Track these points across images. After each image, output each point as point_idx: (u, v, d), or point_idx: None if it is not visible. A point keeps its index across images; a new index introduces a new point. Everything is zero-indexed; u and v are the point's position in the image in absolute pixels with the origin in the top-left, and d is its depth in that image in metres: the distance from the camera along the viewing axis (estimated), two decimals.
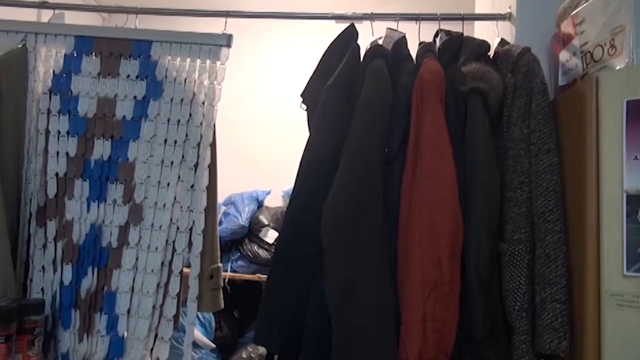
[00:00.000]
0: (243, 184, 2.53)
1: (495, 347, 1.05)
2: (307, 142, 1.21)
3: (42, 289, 1.28)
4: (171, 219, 1.29)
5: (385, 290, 1.03)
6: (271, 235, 2.29)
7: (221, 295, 1.36)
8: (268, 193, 2.51)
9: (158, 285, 1.27)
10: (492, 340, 1.05)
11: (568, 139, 1.06)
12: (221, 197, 2.37)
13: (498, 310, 1.06)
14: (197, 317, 2.23)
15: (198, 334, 2.18)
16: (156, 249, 1.27)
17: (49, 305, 1.27)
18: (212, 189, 1.33)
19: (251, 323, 2.39)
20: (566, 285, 0.97)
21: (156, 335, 1.28)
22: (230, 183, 2.45)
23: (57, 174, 1.30)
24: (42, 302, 1.20)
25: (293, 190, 1.17)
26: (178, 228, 1.29)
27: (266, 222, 2.33)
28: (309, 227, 1.09)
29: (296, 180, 1.17)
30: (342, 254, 1.06)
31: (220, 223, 2.30)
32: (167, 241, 1.28)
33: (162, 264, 1.28)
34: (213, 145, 1.33)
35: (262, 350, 2.13)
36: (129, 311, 1.26)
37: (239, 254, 2.31)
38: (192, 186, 1.30)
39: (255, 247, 2.29)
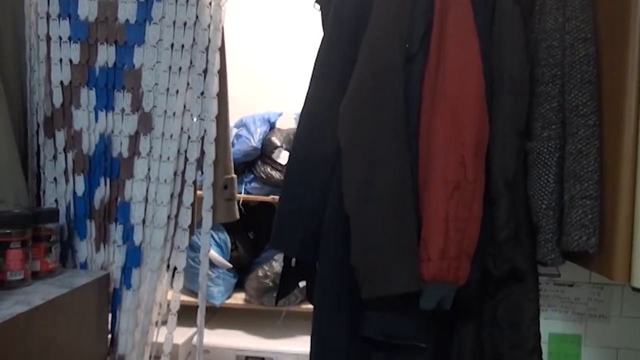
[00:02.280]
0: (254, 106, 2.46)
1: (518, 249, 1.02)
2: (321, 42, 1.14)
3: (56, 201, 1.27)
4: (182, 128, 1.25)
5: (405, 191, 0.99)
6: (284, 157, 2.25)
7: (236, 206, 1.35)
8: (280, 114, 2.45)
9: (172, 195, 1.25)
10: (516, 242, 1.02)
11: (607, 27, 0.97)
12: (233, 120, 2.32)
13: (522, 212, 1.02)
14: (213, 237, 2.24)
15: (214, 254, 2.20)
16: (168, 158, 1.24)
17: (64, 216, 1.26)
18: (222, 96, 1.27)
19: (266, 244, 2.40)
20: (598, 182, 0.92)
21: (172, 245, 1.28)
22: (242, 105, 2.40)
23: (61, 83, 1.25)
24: (56, 210, 1.20)
25: (307, 91, 1.11)
26: (189, 137, 1.25)
27: (278, 144, 2.29)
28: (325, 128, 1.04)
29: (310, 80, 1.11)
30: (360, 155, 1.01)
31: (233, 145, 2.25)
32: (178, 151, 1.25)
33: (175, 174, 1.25)
34: (222, 50, 1.27)
35: (277, 268, 2.15)
36: (144, 221, 1.25)
37: (252, 175, 2.28)
38: (202, 93, 1.24)
39: (268, 169, 2.26)
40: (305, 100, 1.12)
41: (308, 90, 1.12)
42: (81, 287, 1.11)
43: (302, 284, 2.14)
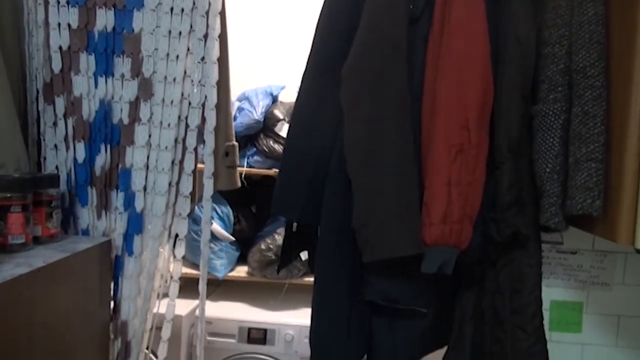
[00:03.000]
0: (257, 80, 2.44)
1: (521, 215, 1.01)
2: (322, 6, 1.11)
3: (57, 167, 1.27)
4: (182, 94, 1.23)
5: (408, 155, 0.98)
6: (286, 130, 2.23)
7: (237, 174, 1.34)
8: (283, 88, 2.42)
9: (173, 162, 1.25)
10: (519, 207, 1.01)
11: None
12: (235, 94, 2.31)
13: (526, 177, 1.01)
14: (216, 211, 2.24)
15: (217, 227, 2.21)
16: (168, 125, 1.23)
17: (65, 183, 1.26)
18: (223, 62, 1.25)
19: (268, 218, 2.41)
20: (604, 144, 0.91)
21: (174, 212, 1.27)
22: (244, 79, 2.38)
23: (60, 48, 1.24)
24: (56, 176, 1.19)
25: (310, 51, 1.09)
26: (190, 103, 1.24)
27: (281, 117, 2.27)
28: (327, 90, 1.03)
29: (313, 40, 1.09)
30: (363, 119, 1.00)
31: (235, 118, 2.24)
32: (179, 117, 1.24)
33: (176, 140, 1.24)
34: (223, 14, 1.24)
35: (280, 241, 2.15)
36: (145, 188, 1.25)
37: (254, 149, 2.27)
38: (203, 59, 1.22)
39: (271, 142, 2.25)
40: (308, 62, 1.10)
41: (311, 49, 1.10)
42: (83, 251, 1.11)
43: (304, 256, 2.16)
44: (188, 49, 1.22)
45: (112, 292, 1.27)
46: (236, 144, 1.32)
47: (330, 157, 1.05)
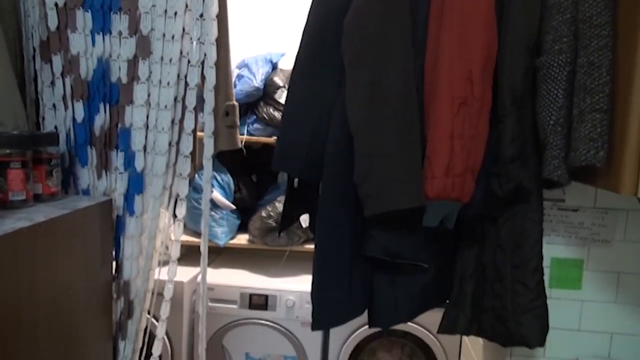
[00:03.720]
0: (256, 47, 2.41)
1: (524, 168, 1.01)
2: None
3: (56, 127, 1.26)
4: (181, 52, 1.21)
5: (411, 107, 0.97)
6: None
7: (238, 134, 1.33)
8: (282, 55, 2.39)
9: (172, 121, 1.24)
10: (522, 161, 1.00)
11: None
12: (234, 61, 2.28)
13: (529, 130, 1.00)
14: (216, 179, 2.24)
15: (218, 195, 2.21)
16: (168, 83, 1.21)
17: (64, 142, 1.25)
18: (222, 18, 1.23)
19: (269, 187, 2.41)
20: (609, 95, 0.89)
21: (174, 172, 1.27)
22: (243, 46, 2.34)
23: (56, 4, 1.21)
24: (56, 134, 1.18)
25: (310, 6, 1.07)
26: (189, 61, 1.22)
27: (281, 84, 2.24)
28: (328, 43, 1.01)
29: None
30: (366, 72, 0.98)
31: (235, 86, 2.22)
32: (178, 75, 1.22)
33: (175, 99, 1.23)
34: None
35: (280, 209, 2.15)
36: (145, 148, 1.24)
37: (254, 117, 2.25)
38: (201, 15, 1.20)
39: (271, 110, 2.23)
40: (308, 17, 1.08)
41: (311, 4, 1.08)
42: (84, 209, 1.11)
43: (304, 223, 2.16)
44: (186, 6, 1.20)
45: (113, 253, 1.28)
46: (236, 103, 1.30)
47: (332, 111, 1.04)
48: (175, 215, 1.28)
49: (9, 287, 0.89)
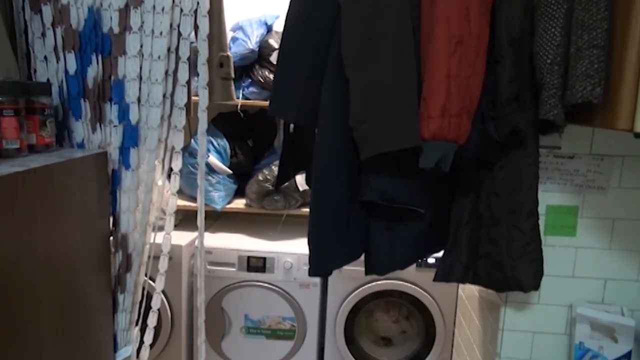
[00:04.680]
0: (251, 10, 2.38)
1: (520, 111, 1.00)
2: None
3: (48, 80, 1.24)
4: (173, 1, 1.19)
5: (407, 47, 0.96)
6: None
7: (233, 87, 1.31)
8: (277, 17, 2.36)
9: (166, 72, 1.22)
10: (518, 104, 1.00)
11: None
12: (229, 24, 2.25)
13: (526, 73, 0.99)
14: (212, 144, 2.23)
15: (214, 159, 2.20)
16: (160, 33, 1.19)
17: (57, 95, 1.24)
18: None
19: (265, 152, 2.40)
20: (607, 30, 0.88)
21: (169, 124, 1.26)
22: (238, 9, 2.31)
23: None
24: (48, 84, 1.17)
25: None
26: (181, 10, 1.20)
27: (276, 46, 2.22)
28: None
29: None
30: (361, 12, 0.97)
31: (229, 49, 2.19)
32: (171, 25, 1.20)
33: (169, 50, 1.21)
34: None
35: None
36: (139, 100, 1.23)
37: (249, 80, 2.23)
38: None
39: (266, 72, 2.21)
40: None
41: None
42: (79, 159, 1.11)
43: (301, 187, 2.16)
44: None
45: (110, 206, 1.28)
46: (231, 55, 1.29)
47: (328, 54, 1.03)
48: (171, 169, 1.27)
49: (5, 236, 0.89)
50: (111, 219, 1.29)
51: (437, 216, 1.15)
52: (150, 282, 1.37)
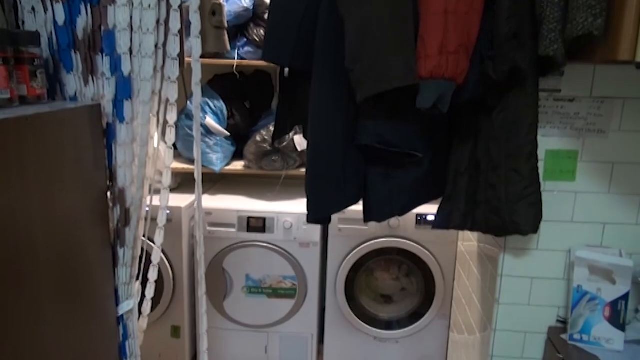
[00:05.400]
0: None
1: (520, 49, 0.98)
2: None
3: (37, 32, 1.21)
4: None
5: None
6: None
7: (226, 37, 1.29)
8: None
9: (157, 21, 1.19)
10: (517, 41, 0.98)
11: None
12: None
13: (526, 9, 0.97)
14: (209, 105, 2.21)
15: (211, 121, 2.18)
16: None
17: (47, 47, 1.21)
18: None
19: (262, 113, 2.38)
20: None
21: (163, 76, 1.24)
22: None
23: None
24: (36, 32, 1.14)
25: None
26: None
27: None
28: None
29: None
30: None
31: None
32: None
33: None
34: None
35: None
36: (130, 51, 1.20)
37: (245, 39, 2.18)
38: None
39: (262, 31, 2.15)
40: None
41: None
42: (72, 109, 1.09)
43: (300, 147, 2.15)
44: None
45: (106, 161, 1.27)
46: (224, 3, 1.26)
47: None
48: (166, 121, 1.26)
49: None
50: (108, 174, 1.28)
51: (435, 163, 1.14)
52: (150, 242, 1.37)
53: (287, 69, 1.17)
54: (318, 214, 1.12)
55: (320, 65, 1.02)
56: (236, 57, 2.18)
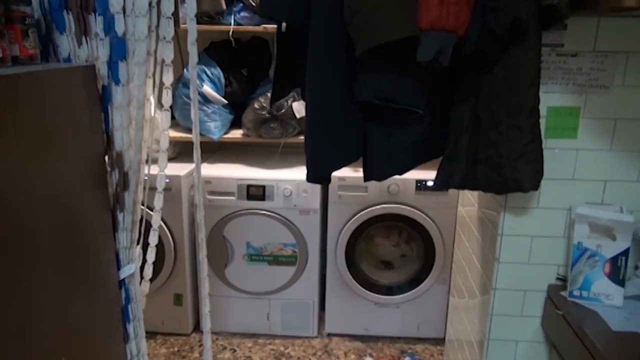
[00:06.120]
0: None
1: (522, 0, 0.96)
2: None
3: None
4: None
5: None
6: None
7: None
8: None
9: None
10: None
11: None
12: None
13: None
14: (205, 73, 2.18)
15: (208, 89, 2.16)
16: None
17: (39, 7, 1.18)
18: None
19: (260, 81, 2.35)
20: None
21: (157, 36, 1.21)
22: None
23: None
24: None
25: None
26: None
27: None
28: None
29: None
30: None
31: None
32: None
33: None
34: None
35: None
36: (124, 10, 1.17)
37: (241, 4, 2.14)
38: None
39: None
40: None
41: None
42: (66, 69, 1.07)
43: (298, 114, 2.13)
44: None
45: (103, 123, 1.25)
46: None
47: None
48: (162, 82, 1.24)
49: None
50: (105, 138, 1.27)
51: (436, 121, 1.13)
52: (148, 210, 1.37)
53: (284, 24, 1.14)
54: (318, 173, 1.11)
55: (318, 19, 1.00)
56: (232, 23, 2.14)
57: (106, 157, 1.27)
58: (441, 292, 2.20)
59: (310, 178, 1.08)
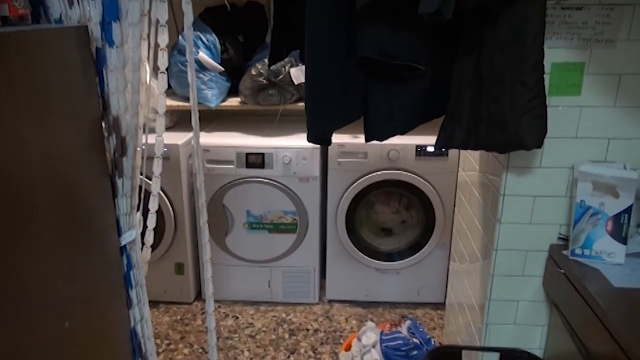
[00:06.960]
0: None
1: None
2: None
3: None
4: None
5: None
6: None
7: None
8: None
9: None
10: None
11: None
12: None
13: None
14: (201, 39, 2.14)
15: (204, 56, 2.12)
16: None
17: None
18: None
19: (257, 47, 2.31)
20: None
21: None
22: None
23: None
24: None
25: None
26: None
27: None
28: None
29: None
30: None
31: None
32: None
33: None
34: None
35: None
36: None
37: None
38: None
39: None
40: None
41: None
42: (57, 29, 1.05)
43: (296, 80, 2.10)
44: None
45: (98, 87, 1.23)
46: None
47: None
48: (157, 44, 1.21)
49: None
50: (101, 102, 1.24)
51: (438, 79, 1.11)
52: (147, 180, 1.36)
53: None
54: (319, 132, 1.10)
55: None
56: None
57: (103, 123, 1.25)
58: (441, 257, 2.21)
59: (310, 138, 1.07)
